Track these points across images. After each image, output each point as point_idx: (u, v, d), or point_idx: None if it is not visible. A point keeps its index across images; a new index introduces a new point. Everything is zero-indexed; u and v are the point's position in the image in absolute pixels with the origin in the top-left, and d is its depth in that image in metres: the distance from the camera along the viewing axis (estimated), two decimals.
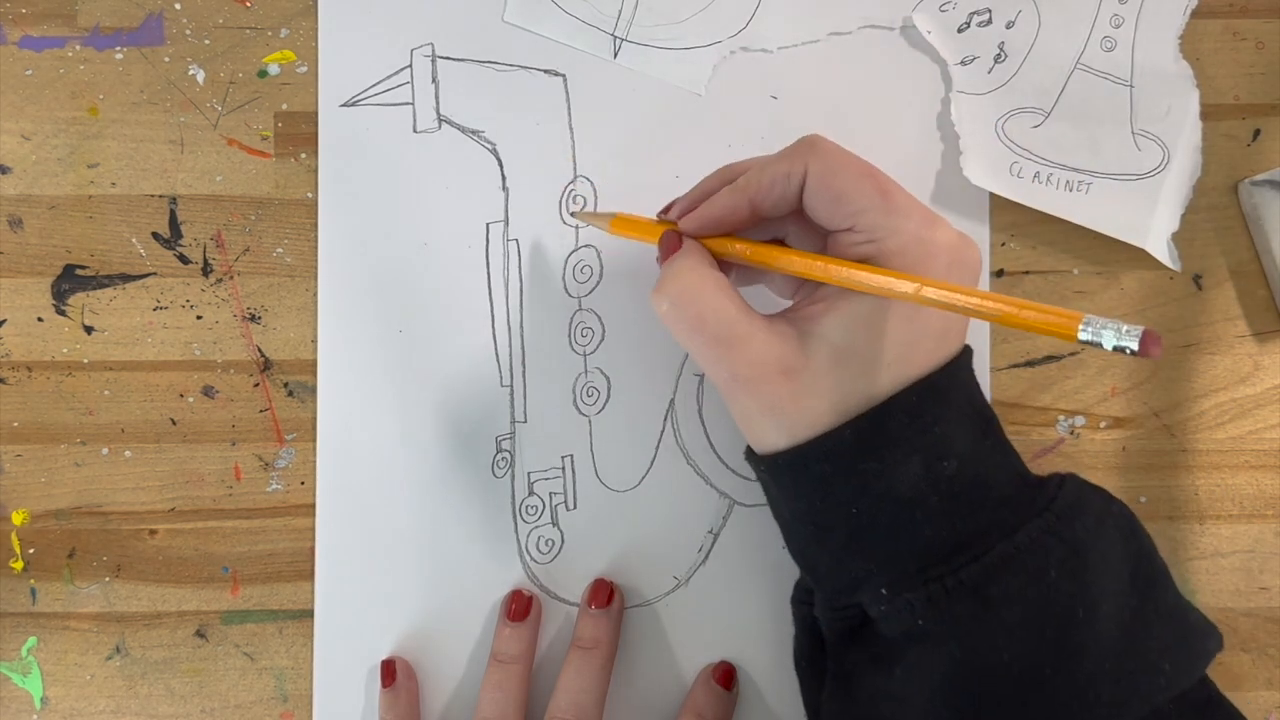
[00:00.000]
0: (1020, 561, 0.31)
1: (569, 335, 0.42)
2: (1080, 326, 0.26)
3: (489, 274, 0.42)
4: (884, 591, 0.32)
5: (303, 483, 0.42)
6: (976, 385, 0.34)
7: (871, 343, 0.32)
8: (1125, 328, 0.25)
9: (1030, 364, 0.42)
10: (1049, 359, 0.42)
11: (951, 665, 0.31)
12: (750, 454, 0.35)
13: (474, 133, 0.42)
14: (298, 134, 0.42)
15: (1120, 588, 0.32)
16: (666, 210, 0.37)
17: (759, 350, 0.32)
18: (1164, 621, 0.32)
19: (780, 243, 0.36)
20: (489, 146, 0.42)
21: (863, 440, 0.32)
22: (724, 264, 0.36)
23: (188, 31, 0.42)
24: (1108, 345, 0.25)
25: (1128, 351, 0.25)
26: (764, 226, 0.36)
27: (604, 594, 0.40)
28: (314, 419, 0.42)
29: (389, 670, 0.40)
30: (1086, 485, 0.34)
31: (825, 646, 0.36)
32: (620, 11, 0.42)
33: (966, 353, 0.34)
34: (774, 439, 0.33)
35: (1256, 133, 0.42)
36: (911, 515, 0.32)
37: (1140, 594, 0.32)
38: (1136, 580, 0.32)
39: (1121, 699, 0.30)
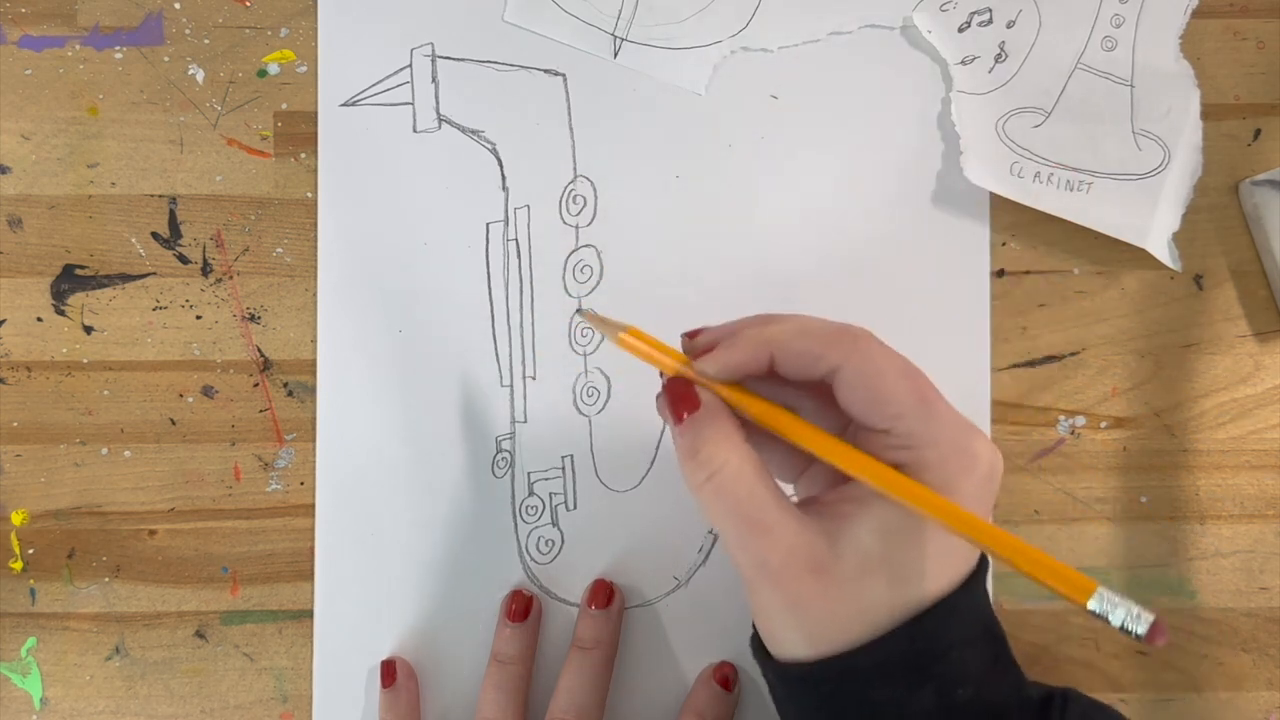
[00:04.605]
0: None
1: (569, 335, 0.42)
2: (1092, 596, 0.25)
3: (489, 274, 0.42)
4: None
5: (302, 483, 0.42)
6: (989, 601, 0.33)
7: (904, 553, 0.30)
8: (1136, 610, 0.24)
9: (1031, 364, 0.42)
10: (1049, 359, 0.42)
11: None
12: (758, 651, 0.33)
13: (474, 133, 0.42)
14: (298, 134, 0.42)
15: None
16: (693, 335, 0.33)
17: (790, 540, 0.30)
18: None
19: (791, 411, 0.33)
20: (489, 146, 0.42)
21: (878, 666, 0.30)
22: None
23: (187, 31, 0.42)
24: (1115, 622, 0.24)
25: (1133, 635, 0.24)
26: (776, 389, 0.32)
27: (604, 594, 0.40)
28: (314, 419, 0.42)
29: (389, 670, 0.40)
30: (1089, 704, 0.32)
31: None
32: (620, 11, 0.42)
33: (983, 565, 0.32)
34: (792, 640, 0.31)
35: (1257, 132, 0.42)
36: None
37: None
38: None
39: None
